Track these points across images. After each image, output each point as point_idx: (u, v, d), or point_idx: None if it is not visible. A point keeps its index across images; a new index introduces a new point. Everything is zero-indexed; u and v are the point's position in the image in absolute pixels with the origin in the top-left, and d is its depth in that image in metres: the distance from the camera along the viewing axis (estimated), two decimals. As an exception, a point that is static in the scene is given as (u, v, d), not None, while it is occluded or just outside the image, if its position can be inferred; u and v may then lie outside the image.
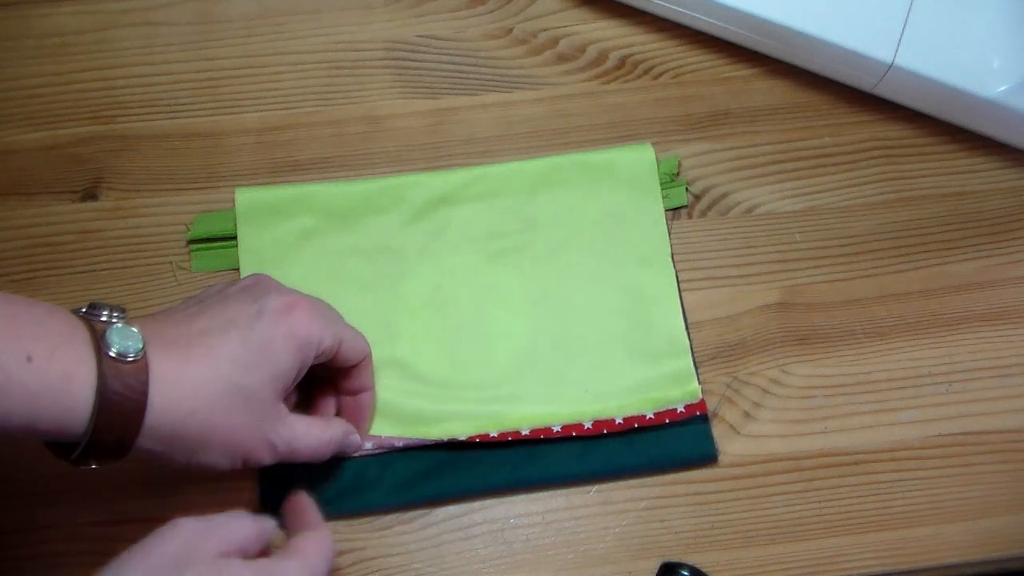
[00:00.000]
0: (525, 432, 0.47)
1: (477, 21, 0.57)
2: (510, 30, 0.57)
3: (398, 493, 0.46)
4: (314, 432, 0.43)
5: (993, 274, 0.52)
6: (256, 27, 0.56)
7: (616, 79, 0.56)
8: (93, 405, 0.35)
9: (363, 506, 0.46)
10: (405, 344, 0.49)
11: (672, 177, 0.53)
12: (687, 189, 0.53)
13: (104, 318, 0.37)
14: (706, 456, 0.48)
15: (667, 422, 0.48)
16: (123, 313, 0.38)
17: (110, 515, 0.46)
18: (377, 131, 0.54)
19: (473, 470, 0.47)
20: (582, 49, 0.56)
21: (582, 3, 0.57)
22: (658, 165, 0.53)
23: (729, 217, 0.53)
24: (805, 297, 0.51)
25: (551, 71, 0.56)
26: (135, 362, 0.36)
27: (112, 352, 0.36)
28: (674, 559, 0.46)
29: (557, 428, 0.47)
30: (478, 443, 0.47)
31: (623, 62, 0.56)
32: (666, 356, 0.49)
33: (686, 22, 0.56)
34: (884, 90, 0.54)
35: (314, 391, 0.47)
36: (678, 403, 0.48)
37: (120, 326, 0.37)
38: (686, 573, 0.43)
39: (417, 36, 0.56)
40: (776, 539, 0.47)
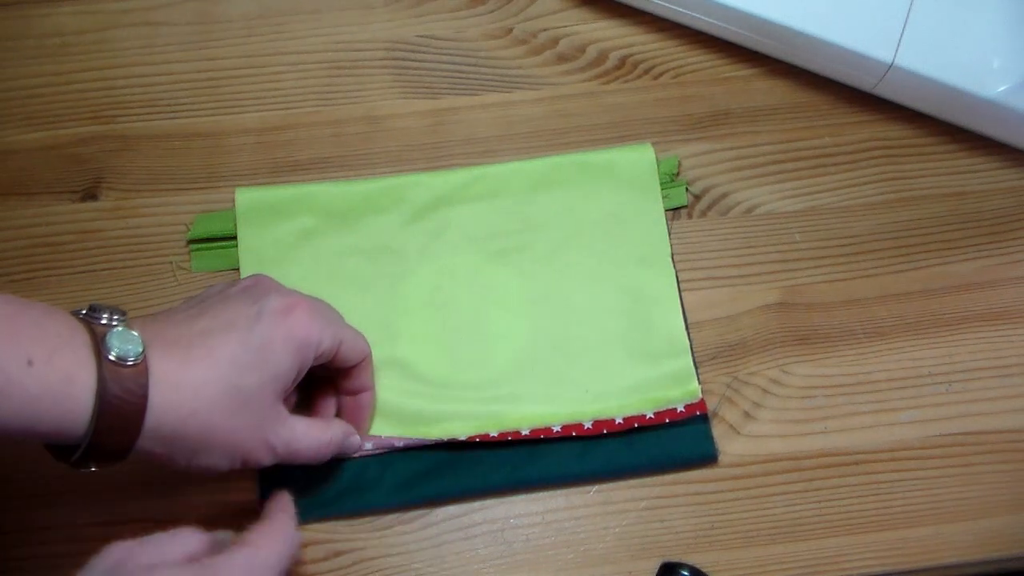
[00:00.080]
0: (525, 432, 0.47)
1: (477, 21, 0.57)
2: (510, 30, 0.56)
3: (398, 493, 0.46)
4: (314, 433, 0.43)
5: (993, 274, 0.52)
6: (256, 27, 0.56)
7: (616, 79, 0.56)
8: (93, 409, 0.35)
9: (363, 506, 0.46)
10: (405, 344, 0.49)
11: (672, 177, 0.53)
12: (687, 189, 0.53)
13: (104, 321, 0.37)
14: (706, 456, 0.48)
15: (667, 422, 0.48)
16: (123, 316, 0.38)
17: (110, 516, 0.46)
18: (377, 131, 0.54)
19: (473, 470, 0.47)
20: (582, 49, 0.56)
21: (582, 3, 0.57)
22: (658, 165, 0.53)
23: (729, 217, 0.53)
24: (805, 297, 0.51)
25: (551, 71, 0.56)
26: (135, 366, 0.36)
27: (112, 356, 0.36)
28: (674, 559, 0.46)
29: (557, 428, 0.47)
30: (478, 443, 0.47)
31: (623, 62, 0.56)
32: (666, 356, 0.49)
33: (686, 22, 0.56)
34: (884, 90, 0.54)
35: (314, 391, 0.47)
36: (678, 403, 0.48)
37: (120, 329, 0.37)
38: (686, 573, 0.43)
39: (417, 36, 0.56)
40: (776, 539, 0.47)
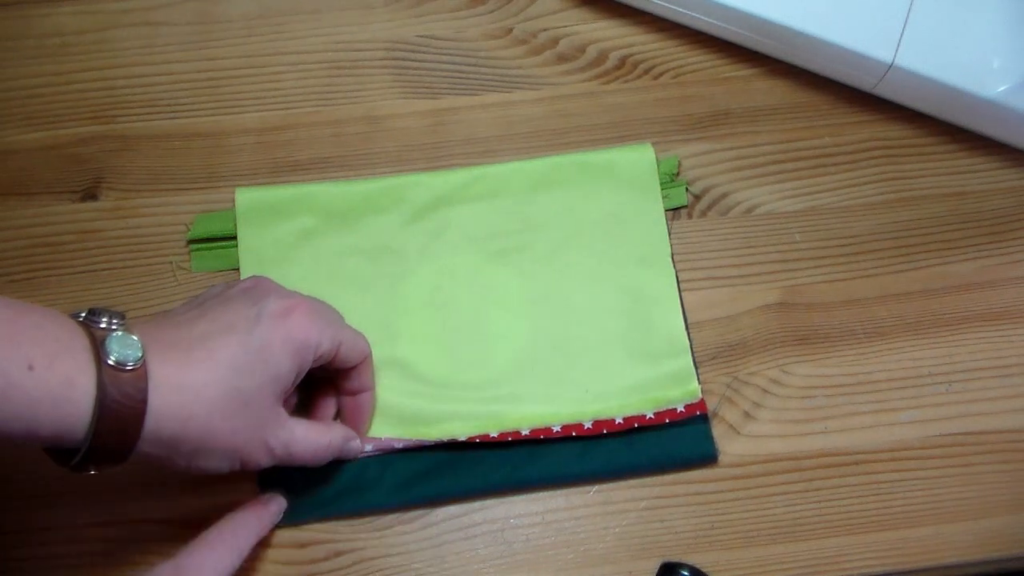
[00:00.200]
0: (525, 432, 0.47)
1: (477, 21, 0.57)
2: (510, 30, 0.56)
3: (398, 493, 0.46)
4: (313, 436, 0.43)
5: (993, 274, 0.52)
6: (256, 27, 0.56)
7: (616, 79, 0.56)
8: (92, 413, 0.35)
9: (363, 506, 0.46)
10: (405, 344, 0.49)
11: (672, 177, 0.53)
12: (687, 189, 0.53)
13: (103, 324, 0.37)
14: (706, 456, 0.48)
15: (667, 422, 0.48)
16: (122, 319, 0.38)
17: (110, 517, 0.46)
18: (377, 131, 0.54)
19: (473, 470, 0.47)
20: (582, 49, 0.56)
21: (582, 3, 0.57)
22: (658, 165, 0.53)
23: (729, 217, 0.53)
24: (805, 297, 0.51)
25: (551, 71, 0.56)
26: (134, 370, 0.36)
27: (111, 360, 0.36)
28: (674, 559, 0.46)
29: (557, 428, 0.47)
30: (478, 443, 0.47)
31: (623, 62, 0.56)
32: (666, 356, 0.49)
33: (686, 22, 0.56)
34: (884, 90, 0.54)
35: (314, 391, 0.47)
36: (678, 403, 0.48)
37: (120, 334, 0.37)
38: (686, 573, 0.43)
39: (417, 36, 0.56)
40: (776, 539, 0.47)
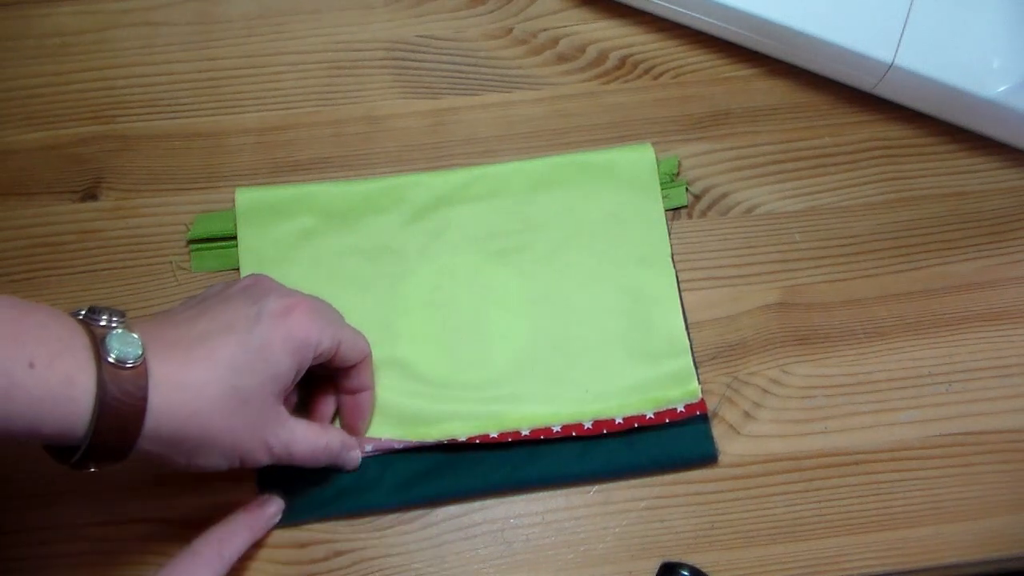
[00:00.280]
0: (525, 432, 0.47)
1: (477, 21, 0.57)
2: (510, 30, 0.56)
3: (398, 493, 0.46)
4: (311, 437, 0.43)
5: (993, 274, 0.52)
6: (256, 27, 0.56)
7: (616, 79, 0.56)
8: (93, 411, 0.35)
9: (363, 506, 0.46)
10: (405, 344, 0.49)
11: (672, 177, 0.53)
12: (687, 189, 0.53)
13: (103, 323, 0.37)
14: (706, 456, 0.48)
15: (667, 422, 0.48)
16: (122, 318, 0.38)
17: (110, 516, 0.46)
18: (377, 131, 0.54)
19: (473, 470, 0.47)
20: (582, 49, 0.56)
21: (582, 3, 0.57)
22: (658, 165, 0.53)
23: (729, 217, 0.53)
24: (805, 297, 0.51)
25: (551, 71, 0.56)
26: (134, 368, 0.36)
27: (111, 358, 0.36)
28: (674, 559, 0.46)
29: (557, 428, 0.47)
30: (478, 443, 0.47)
31: (623, 62, 0.56)
32: (666, 356, 0.49)
33: (686, 22, 0.56)
34: (884, 90, 0.54)
35: (313, 390, 0.47)
36: (678, 403, 0.48)
37: (120, 332, 0.37)
38: (686, 573, 0.43)
39: (417, 36, 0.56)
40: (776, 539, 0.47)
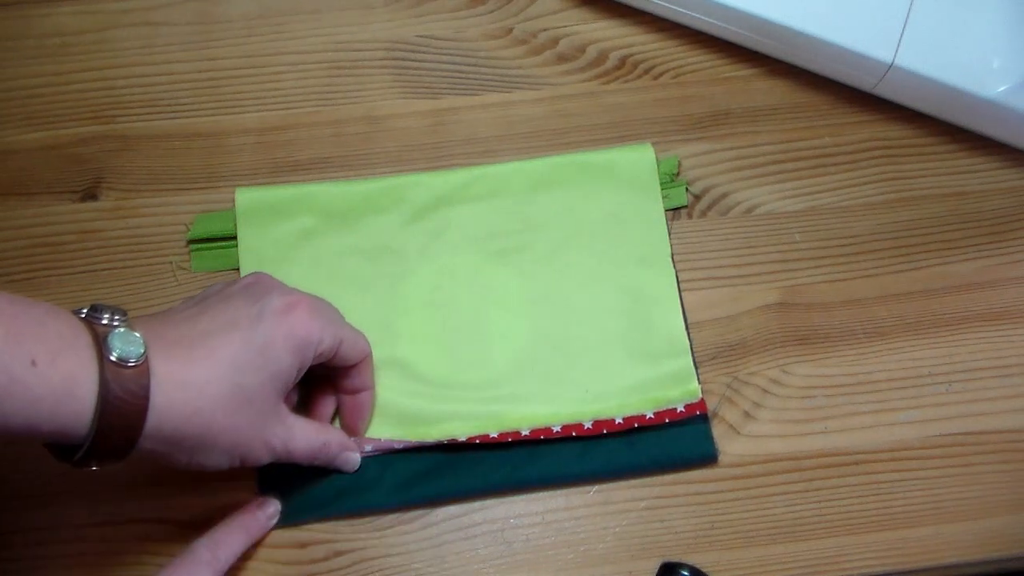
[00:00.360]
0: (525, 432, 0.47)
1: (477, 21, 0.57)
2: (510, 30, 0.56)
3: (398, 493, 0.46)
4: (311, 435, 0.43)
5: (993, 274, 0.52)
6: (256, 27, 0.56)
7: (616, 79, 0.56)
8: (95, 409, 0.35)
9: (363, 506, 0.46)
10: (405, 344, 0.49)
11: (672, 177, 0.53)
12: (687, 189, 0.53)
13: (105, 321, 0.37)
14: (706, 456, 0.48)
15: (667, 422, 0.48)
16: (124, 316, 0.38)
17: (110, 516, 0.46)
18: (377, 131, 0.54)
19: (473, 470, 0.47)
20: (582, 49, 0.56)
21: (582, 3, 0.57)
22: (658, 165, 0.53)
23: (729, 217, 0.53)
24: (805, 297, 0.51)
25: (551, 71, 0.56)
26: (136, 366, 0.36)
27: (113, 356, 0.36)
28: (674, 559, 0.46)
29: (557, 428, 0.47)
30: (478, 443, 0.47)
31: (623, 62, 0.56)
32: (666, 356, 0.49)
33: (686, 22, 0.56)
34: (884, 90, 0.54)
35: (313, 389, 0.47)
36: (678, 403, 0.48)
37: (122, 330, 0.37)
38: (686, 573, 0.43)
39: (417, 36, 0.56)
40: (776, 539, 0.47)
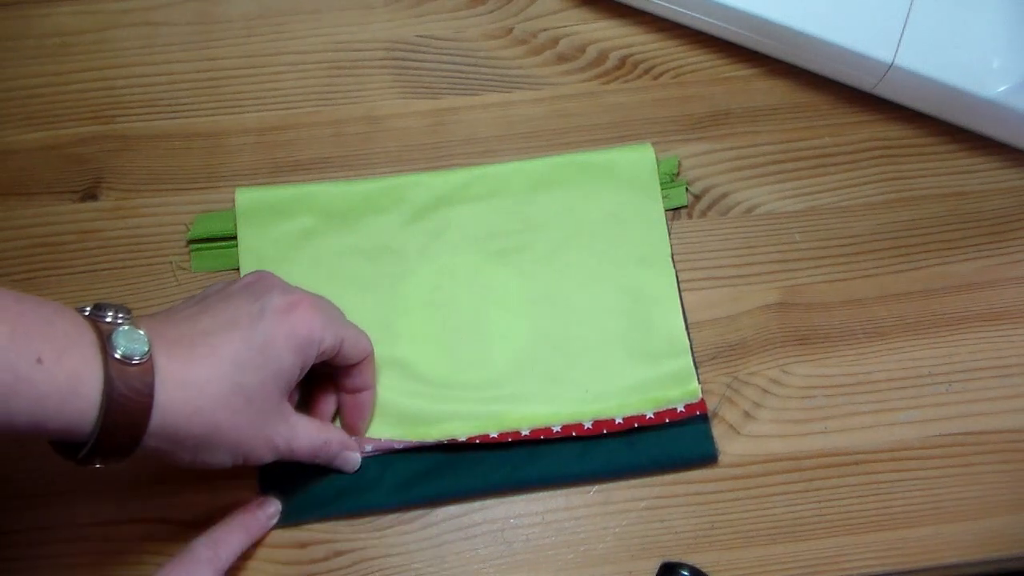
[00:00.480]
0: (525, 432, 0.47)
1: (477, 21, 0.57)
2: (510, 30, 0.56)
3: (398, 493, 0.46)
4: (312, 433, 0.43)
5: (993, 274, 0.52)
6: (256, 27, 0.56)
7: (616, 79, 0.56)
8: (100, 407, 0.35)
9: (363, 506, 0.46)
10: (405, 344, 0.49)
11: (672, 177, 0.53)
12: (687, 189, 0.53)
13: (109, 319, 0.37)
14: (706, 456, 0.48)
15: (667, 422, 0.48)
16: (128, 314, 0.38)
17: (110, 516, 0.46)
18: (377, 131, 0.54)
19: (473, 470, 0.47)
20: (582, 49, 0.56)
21: (582, 3, 0.57)
22: (658, 165, 0.53)
23: (729, 217, 0.53)
24: (805, 297, 0.51)
25: (551, 71, 0.56)
26: (140, 364, 0.36)
27: (118, 354, 0.36)
28: (674, 559, 0.46)
29: (557, 428, 0.47)
30: (478, 443, 0.47)
31: (623, 62, 0.56)
32: (666, 356, 0.49)
33: (686, 22, 0.56)
34: (884, 90, 0.54)
35: (314, 388, 0.47)
36: (678, 403, 0.48)
37: (126, 328, 0.37)
38: (686, 573, 0.43)
39: (417, 36, 0.56)
40: (776, 539, 0.47)
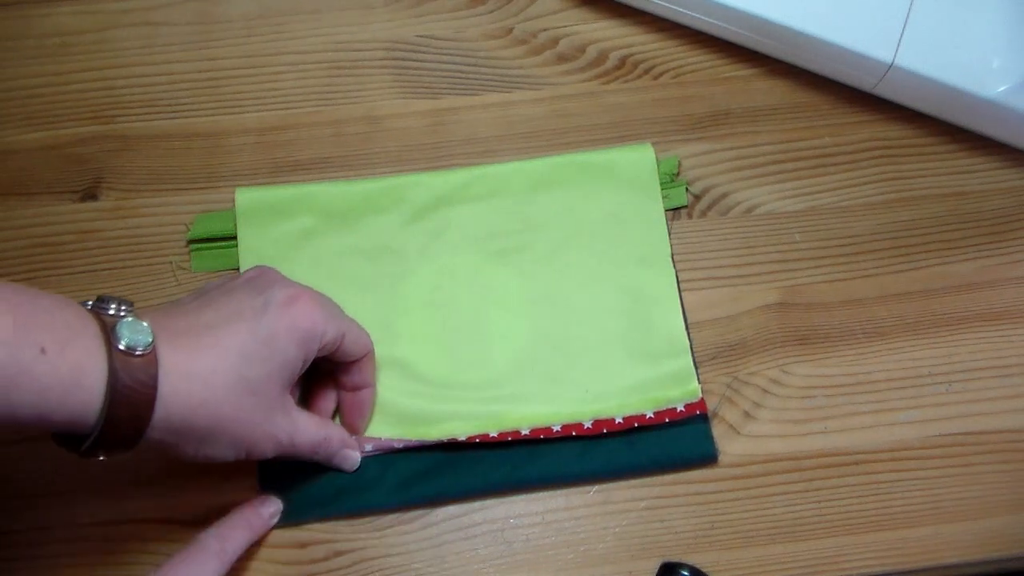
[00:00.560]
0: (525, 432, 0.47)
1: (477, 21, 0.57)
2: (510, 30, 0.56)
3: (398, 493, 0.46)
4: (313, 428, 0.43)
5: (993, 274, 0.52)
6: (256, 27, 0.56)
7: (616, 79, 0.56)
8: (104, 398, 0.35)
9: (363, 506, 0.46)
10: (405, 344, 0.49)
11: (672, 177, 0.53)
12: (687, 189, 0.53)
13: (112, 311, 0.38)
14: (706, 456, 0.48)
15: (667, 421, 0.48)
16: (131, 306, 0.38)
17: (110, 516, 0.46)
18: (377, 131, 0.54)
19: (473, 470, 0.47)
20: (582, 49, 0.56)
21: (582, 3, 0.57)
22: (658, 165, 0.53)
23: (729, 217, 0.53)
24: (805, 297, 0.51)
25: (551, 71, 0.56)
26: (144, 355, 0.36)
27: (121, 346, 0.36)
28: (674, 559, 0.46)
29: (557, 428, 0.47)
30: (478, 443, 0.47)
31: (623, 62, 0.56)
32: (666, 356, 0.49)
33: (686, 22, 0.56)
34: (884, 90, 0.54)
35: (314, 386, 0.47)
36: (678, 402, 0.48)
37: (130, 320, 0.37)
38: (686, 573, 0.43)
39: (417, 36, 0.56)
40: (776, 539, 0.47)
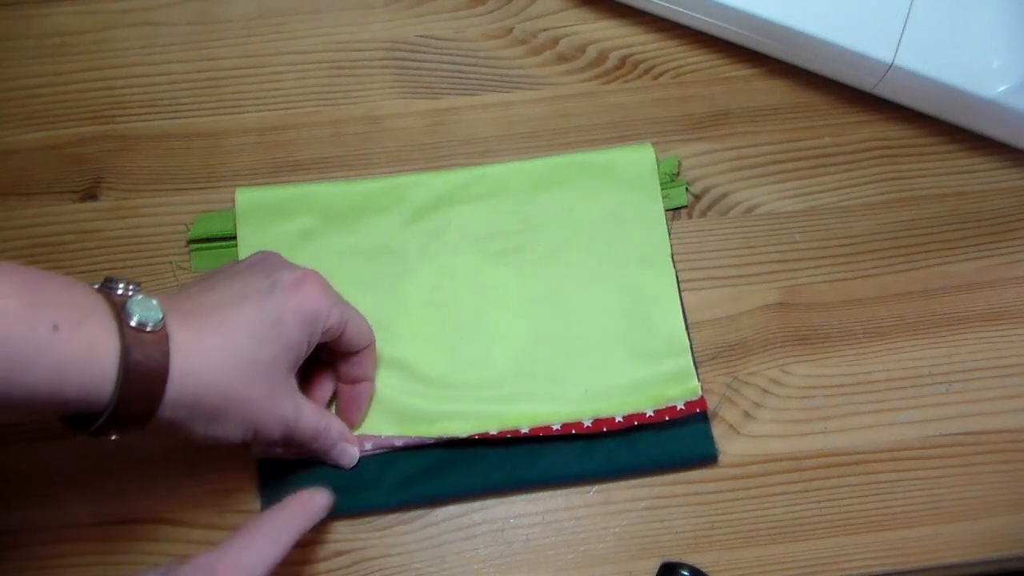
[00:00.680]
0: (525, 431, 0.47)
1: (477, 21, 0.57)
2: (510, 30, 0.56)
3: (398, 493, 0.47)
4: (314, 416, 0.44)
5: (993, 274, 0.52)
6: (256, 27, 0.56)
7: (616, 79, 0.56)
8: (117, 375, 0.35)
9: (363, 506, 0.46)
10: (405, 344, 0.49)
11: (672, 177, 0.53)
12: (687, 189, 0.53)
13: (120, 291, 0.38)
14: (706, 456, 0.48)
15: (667, 420, 0.48)
16: (138, 286, 0.38)
17: (110, 516, 0.46)
18: (377, 131, 0.54)
19: (473, 469, 0.47)
20: (582, 49, 0.56)
21: (582, 3, 0.57)
22: (658, 165, 0.53)
23: (729, 217, 0.53)
24: (805, 297, 0.51)
25: (551, 71, 0.56)
26: (155, 332, 0.36)
27: (132, 323, 0.36)
28: (674, 559, 0.46)
29: (557, 427, 0.47)
30: (478, 441, 0.47)
31: (623, 62, 0.56)
32: (666, 356, 0.49)
33: (686, 22, 0.56)
34: (884, 90, 0.54)
35: (312, 375, 0.47)
36: (678, 400, 0.48)
37: (140, 298, 0.37)
38: (686, 573, 0.43)
39: (417, 36, 0.56)
40: (776, 539, 0.47)
